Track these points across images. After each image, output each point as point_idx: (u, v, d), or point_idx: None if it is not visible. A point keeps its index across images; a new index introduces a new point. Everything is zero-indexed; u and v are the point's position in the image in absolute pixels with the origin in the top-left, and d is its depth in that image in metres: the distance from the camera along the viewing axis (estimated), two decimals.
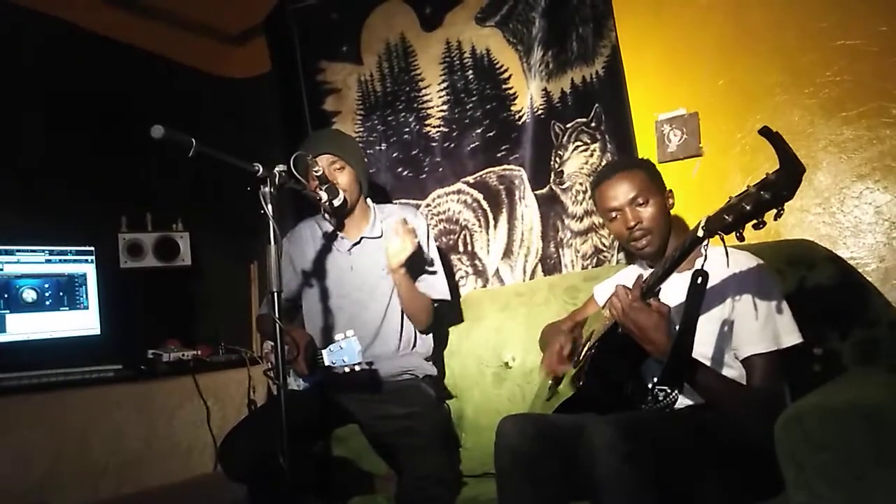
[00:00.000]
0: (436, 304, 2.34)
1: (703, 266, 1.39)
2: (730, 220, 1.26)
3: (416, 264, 2.27)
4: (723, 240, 1.33)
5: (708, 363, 1.58)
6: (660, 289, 1.52)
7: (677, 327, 1.46)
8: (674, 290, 1.58)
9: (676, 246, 1.46)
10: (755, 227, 1.24)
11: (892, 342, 1.72)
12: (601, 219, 2.02)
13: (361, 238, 2.32)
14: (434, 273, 2.35)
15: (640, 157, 2.28)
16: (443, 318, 2.47)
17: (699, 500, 1.43)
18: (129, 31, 3.14)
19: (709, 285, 1.42)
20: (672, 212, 1.80)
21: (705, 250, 1.38)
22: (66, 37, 2.90)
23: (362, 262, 2.29)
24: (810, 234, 2.04)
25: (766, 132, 1.20)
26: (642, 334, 1.49)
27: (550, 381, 1.95)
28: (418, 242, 2.18)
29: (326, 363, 1.96)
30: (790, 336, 1.55)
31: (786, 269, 1.83)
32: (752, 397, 1.53)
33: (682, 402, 1.63)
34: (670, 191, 1.81)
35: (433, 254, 2.37)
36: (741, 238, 1.28)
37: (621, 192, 1.76)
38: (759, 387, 1.53)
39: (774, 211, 1.21)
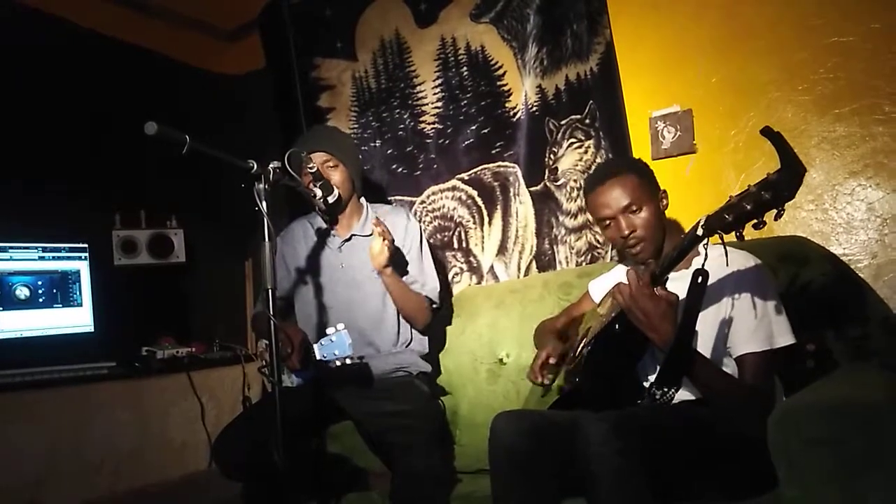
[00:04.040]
0: (434, 306, 2.34)
1: (703, 265, 1.39)
2: (730, 219, 1.25)
3: (400, 262, 2.28)
4: (722, 239, 1.33)
5: None
6: (667, 278, 1.50)
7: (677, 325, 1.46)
8: (671, 288, 1.58)
9: (675, 244, 1.45)
10: (755, 226, 1.23)
11: (885, 339, 1.73)
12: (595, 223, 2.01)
13: (352, 235, 2.32)
14: (425, 275, 2.35)
15: (632, 156, 2.27)
16: (440, 316, 2.46)
17: (693, 495, 1.43)
18: (124, 28, 3.13)
19: (708, 284, 1.42)
20: (666, 210, 1.80)
21: (705, 249, 1.38)
22: (60, 33, 2.90)
23: (353, 260, 2.29)
24: (803, 230, 2.05)
25: (767, 132, 1.18)
26: (648, 322, 1.46)
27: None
28: (394, 242, 2.16)
29: (318, 357, 1.95)
30: (784, 337, 1.55)
31: (778, 266, 1.83)
32: (746, 393, 1.53)
33: (677, 398, 1.63)
34: (664, 191, 1.78)
35: (425, 259, 2.37)
36: (741, 237, 1.27)
37: (613, 199, 1.72)
38: (749, 385, 1.54)
39: (775, 211, 1.21)
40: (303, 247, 2.35)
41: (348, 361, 1.91)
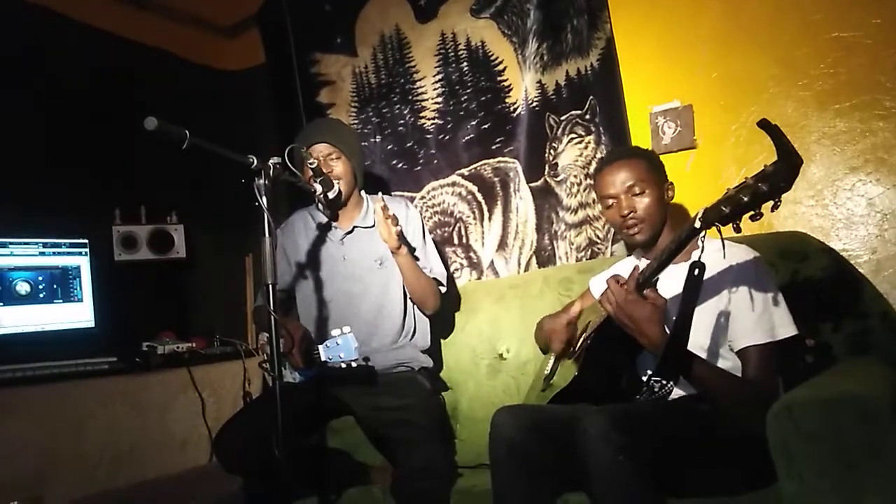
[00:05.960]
0: (442, 290, 2.34)
1: (700, 257, 1.39)
2: (727, 211, 1.26)
3: (409, 246, 2.28)
4: (720, 231, 1.34)
5: (703, 354, 1.59)
6: (657, 279, 1.52)
7: (674, 318, 1.47)
8: (670, 282, 1.59)
9: (673, 237, 1.46)
10: (752, 218, 1.24)
11: (884, 333, 1.73)
12: (599, 206, 2.03)
13: (354, 227, 2.31)
14: (430, 260, 2.35)
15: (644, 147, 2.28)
16: (443, 309, 2.46)
17: (691, 490, 1.44)
18: (123, 23, 3.12)
19: (706, 277, 1.43)
20: (670, 202, 1.81)
21: (703, 242, 1.39)
22: (60, 29, 2.88)
23: (354, 253, 2.29)
24: (803, 226, 2.05)
25: (764, 124, 1.20)
26: (636, 327, 1.49)
27: (546, 373, 1.96)
28: (401, 228, 2.17)
29: (323, 359, 1.95)
30: (785, 328, 1.56)
31: (778, 261, 1.84)
32: (747, 389, 1.54)
33: (677, 392, 1.64)
34: (670, 183, 1.82)
35: (429, 245, 2.38)
36: (738, 230, 1.28)
37: (618, 179, 1.77)
38: (753, 378, 1.54)
39: (772, 203, 1.21)
40: (303, 240, 2.34)
41: (353, 364, 1.92)
